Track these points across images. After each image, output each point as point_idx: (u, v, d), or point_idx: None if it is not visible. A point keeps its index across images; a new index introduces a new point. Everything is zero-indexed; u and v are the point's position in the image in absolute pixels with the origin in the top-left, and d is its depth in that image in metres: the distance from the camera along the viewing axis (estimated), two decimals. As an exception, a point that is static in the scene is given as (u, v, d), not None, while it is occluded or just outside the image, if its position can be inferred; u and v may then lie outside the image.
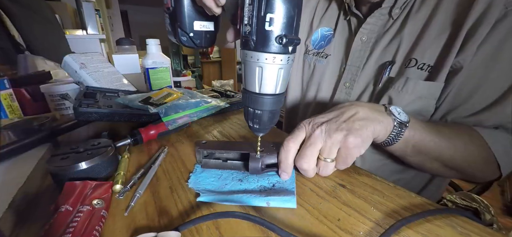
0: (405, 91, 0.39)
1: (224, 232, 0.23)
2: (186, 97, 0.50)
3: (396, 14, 0.41)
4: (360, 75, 0.45)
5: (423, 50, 0.38)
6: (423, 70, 0.38)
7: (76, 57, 0.61)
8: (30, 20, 1.23)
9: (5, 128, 0.41)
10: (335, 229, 0.23)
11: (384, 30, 0.43)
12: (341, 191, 0.28)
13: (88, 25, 1.95)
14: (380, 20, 0.43)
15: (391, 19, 0.42)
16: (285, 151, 0.30)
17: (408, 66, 0.39)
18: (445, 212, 0.24)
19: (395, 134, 0.31)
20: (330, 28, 0.52)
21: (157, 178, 0.32)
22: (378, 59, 0.43)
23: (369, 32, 0.44)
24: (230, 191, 0.29)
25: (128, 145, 0.39)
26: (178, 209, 0.26)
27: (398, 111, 0.31)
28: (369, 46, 0.44)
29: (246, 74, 0.25)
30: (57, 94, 0.59)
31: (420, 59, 0.38)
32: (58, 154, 0.30)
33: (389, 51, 0.42)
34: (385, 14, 0.43)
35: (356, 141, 0.27)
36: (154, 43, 0.67)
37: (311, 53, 0.54)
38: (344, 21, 0.50)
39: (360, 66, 0.45)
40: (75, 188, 0.26)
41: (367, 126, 0.28)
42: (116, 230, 0.23)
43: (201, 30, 0.32)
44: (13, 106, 0.56)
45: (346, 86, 0.48)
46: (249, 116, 0.28)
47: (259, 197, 0.27)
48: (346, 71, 0.48)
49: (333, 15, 0.52)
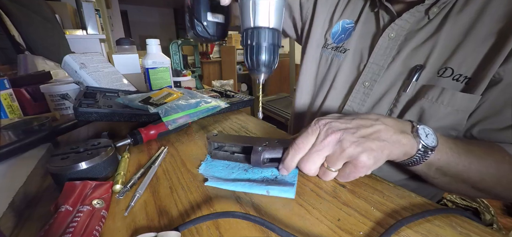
0: (441, 103, 0.35)
1: (224, 232, 0.23)
2: (186, 97, 0.50)
3: (434, 13, 0.37)
4: (383, 75, 0.41)
5: (462, 59, 0.34)
6: (459, 81, 0.34)
7: (76, 57, 0.61)
8: (30, 20, 1.23)
9: (5, 128, 0.41)
10: (335, 229, 0.23)
11: (417, 28, 0.39)
12: (341, 191, 0.28)
13: (88, 25, 1.95)
14: (414, 17, 0.39)
15: (427, 17, 0.38)
16: (293, 151, 0.28)
17: (442, 76, 0.35)
18: (445, 212, 0.24)
19: (418, 158, 0.28)
20: (351, 20, 0.47)
21: (157, 178, 0.32)
22: (406, 61, 0.39)
23: (400, 28, 0.40)
24: (235, 179, 0.30)
25: (128, 145, 0.39)
26: (178, 209, 0.26)
27: (427, 132, 0.28)
28: (397, 44, 0.40)
29: (243, 13, 0.29)
30: (57, 94, 0.59)
31: (457, 70, 0.34)
32: (58, 154, 0.30)
33: (420, 53, 0.38)
34: (421, 11, 0.38)
35: (368, 162, 0.25)
36: (154, 43, 0.67)
37: (330, 47, 0.49)
38: (371, 13, 0.45)
39: (384, 65, 0.41)
40: (75, 188, 0.26)
41: (384, 148, 0.26)
42: (116, 230, 0.23)
43: (213, 21, 0.38)
44: (13, 106, 0.56)
45: (365, 85, 0.43)
46: (248, 54, 0.30)
47: (260, 186, 0.28)
48: (366, 68, 0.43)
49: (358, 5, 0.47)
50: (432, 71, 0.36)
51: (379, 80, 0.41)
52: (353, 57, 0.46)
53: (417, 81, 0.37)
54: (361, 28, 0.46)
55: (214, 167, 0.34)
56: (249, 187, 0.28)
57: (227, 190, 0.29)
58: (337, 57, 0.48)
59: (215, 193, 0.28)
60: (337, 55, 0.48)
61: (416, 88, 0.37)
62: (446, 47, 0.36)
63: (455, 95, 0.34)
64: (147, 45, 0.66)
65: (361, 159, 0.25)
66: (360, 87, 0.43)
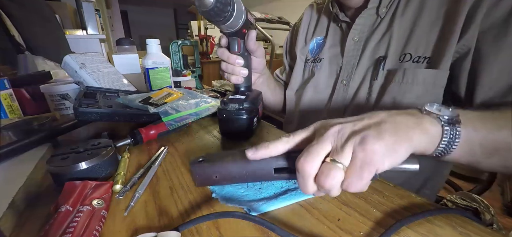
0: (406, 82, 0.40)
1: (224, 232, 0.23)
2: (186, 97, 0.50)
3: (383, 13, 0.44)
4: (355, 72, 0.48)
5: (416, 44, 0.40)
6: (420, 62, 0.39)
7: (76, 57, 0.61)
8: (30, 20, 1.23)
9: (5, 128, 0.41)
10: (335, 229, 0.23)
11: (373, 28, 0.46)
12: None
13: (88, 25, 1.95)
14: (368, 20, 0.46)
15: (379, 17, 0.45)
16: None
17: (403, 61, 0.41)
18: (445, 212, 0.24)
19: (449, 138, 0.23)
20: (321, 36, 0.58)
21: (157, 178, 0.32)
22: (371, 56, 0.46)
23: (360, 32, 0.48)
24: (267, 197, 0.27)
25: (128, 145, 0.39)
26: (178, 209, 0.26)
27: (435, 106, 0.24)
28: (361, 44, 0.47)
29: None
30: (57, 94, 0.59)
31: (415, 53, 0.40)
32: (58, 154, 0.30)
33: (381, 47, 0.44)
34: (372, 14, 0.46)
35: (378, 142, 0.20)
36: (154, 43, 0.67)
37: (310, 61, 0.59)
38: (336, 26, 0.54)
39: (354, 63, 0.48)
40: (75, 188, 0.26)
41: (398, 130, 0.21)
42: (116, 230, 0.23)
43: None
44: (13, 106, 0.56)
45: (343, 83, 0.50)
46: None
47: (296, 194, 0.27)
48: (342, 70, 0.50)
49: (324, 24, 0.58)
50: (395, 59, 0.42)
51: (353, 77, 0.48)
52: (330, 63, 0.54)
53: (383, 69, 0.43)
54: (331, 39, 0.55)
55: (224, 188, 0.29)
56: (294, 196, 0.27)
57: (230, 191, 0.29)
58: (316, 67, 0.56)
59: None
60: (316, 65, 0.57)
61: (384, 74, 0.43)
62: (400, 37, 0.42)
63: (417, 72, 0.39)
64: (147, 45, 0.66)
65: (368, 138, 0.20)
66: (340, 86, 0.50)
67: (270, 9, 2.64)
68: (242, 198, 0.27)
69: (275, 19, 2.01)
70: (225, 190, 0.29)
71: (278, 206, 0.26)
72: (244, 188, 0.29)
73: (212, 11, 0.30)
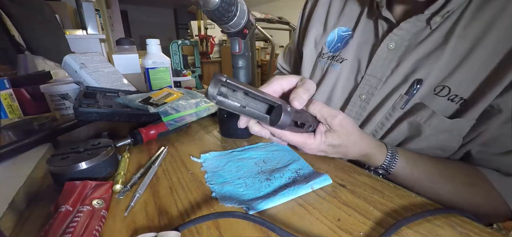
0: (428, 125, 0.33)
1: (224, 232, 0.23)
2: (186, 97, 0.50)
3: (436, 23, 0.33)
4: (381, 88, 0.38)
5: (461, 79, 0.31)
6: (454, 102, 0.32)
7: (76, 57, 0.61)
8: (30, 20, 1.23)
9: (5, 128, 0.41)
10: (335, 229, 0.23)
11: (418, 39, 0.35)
12: (341, 191, 0.28)
13: (88, 25, 1.95)
14: (415, 27, 0.35)
15: (429, 28, 0.34)
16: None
17: (438, 94, 0.33)
18: (445, 212, 0.24)
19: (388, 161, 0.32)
20: (348, 28, 0.44)
21: (157, 178, 0.32)
22: (406, 74, 0.36)
23: (400, 39, 0.36)
24: (265, 195, 0.28)
25: (128, 145, 0.39)
26: (178, 209, 0.26)
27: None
28: (397, 56, 0.37)
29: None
30: (57, 94, 0.59)
31: (454, 89, 0.32)
32: (58, 154, 0.30)
33: (420, 67, 0.34)
34: (422, 20, 0.34)
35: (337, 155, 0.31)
36: (154, 43, 0.67)
37: (326, 56, 0.46)
38: (369, 20, 0.41)
39: (382, 78, 0.38)
40: (75, 188, 0.26)
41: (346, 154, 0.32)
42: (116, 230, 0.23)
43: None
44: (13, 106, 0.56)
45: (361, 98, 0.40)
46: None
47: (300, 186, 0.28)
48: (363, 81, 0.40)
49: (354, 11, 0.44)
50: (429, 88, 0.34)
51: (376, 93, 0.38)
52: (351, 68, 0.42)
53: (414, 97, 0.35)
54: (359, 36, 0.42)
55: (219, 177, 0.31)
56: (292, 192, 0.27)
57: (229, 190, 0.29)
58: (333, 66, 0.44)
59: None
60: (333, 64, 0.44)
61: (411, 104, 0.35)
62: (448, 63, 0.32)
63: (444, 121, 0.32)
64: (147, 45, 0.66)
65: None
66: (357, 100, 0.41)
67: (270, 9, 2.65)
68: (242, 197, 0.28)
69: (275, 19, 2.01)
70: (225, 189, 0.29)
71: (276, 203, 0.26)
72: (243, 187, 0.29)
73: (217, 11, 0.30)
